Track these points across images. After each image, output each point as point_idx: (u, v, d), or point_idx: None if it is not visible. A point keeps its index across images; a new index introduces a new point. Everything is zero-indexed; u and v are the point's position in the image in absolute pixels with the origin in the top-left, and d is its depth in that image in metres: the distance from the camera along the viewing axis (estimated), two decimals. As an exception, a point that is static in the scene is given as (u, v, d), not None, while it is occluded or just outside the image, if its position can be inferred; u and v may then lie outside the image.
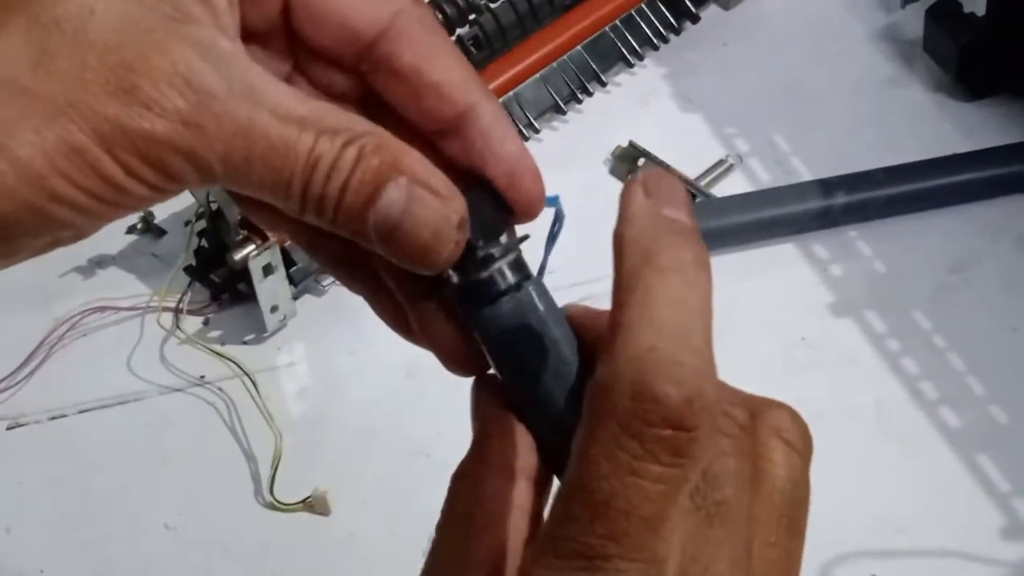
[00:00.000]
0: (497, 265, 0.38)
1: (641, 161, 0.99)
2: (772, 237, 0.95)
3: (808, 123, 1.02)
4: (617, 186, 0.99)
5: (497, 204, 0.39)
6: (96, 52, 0.33)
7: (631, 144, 1.00)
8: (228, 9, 0.36)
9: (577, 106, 1.04)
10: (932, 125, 1.02)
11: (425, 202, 0.36)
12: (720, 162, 0.99)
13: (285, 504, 0.81)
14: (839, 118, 1.03)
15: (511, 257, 0.39)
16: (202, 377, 0.88)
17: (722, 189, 0.98)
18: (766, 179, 0.99)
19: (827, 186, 0.94)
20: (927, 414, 0.84)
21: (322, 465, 0.83)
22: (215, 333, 0.91)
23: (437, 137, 0.40)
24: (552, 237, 0.41)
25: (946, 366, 0.87)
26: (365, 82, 0.40)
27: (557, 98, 1.02)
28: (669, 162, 0.97)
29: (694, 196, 0.96)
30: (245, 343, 0.90)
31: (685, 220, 0.34)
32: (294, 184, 0.35)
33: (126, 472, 0.84)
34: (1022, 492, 0.80)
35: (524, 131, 1.00)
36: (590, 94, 1.04)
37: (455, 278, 0.38)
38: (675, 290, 0.33)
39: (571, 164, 1.00)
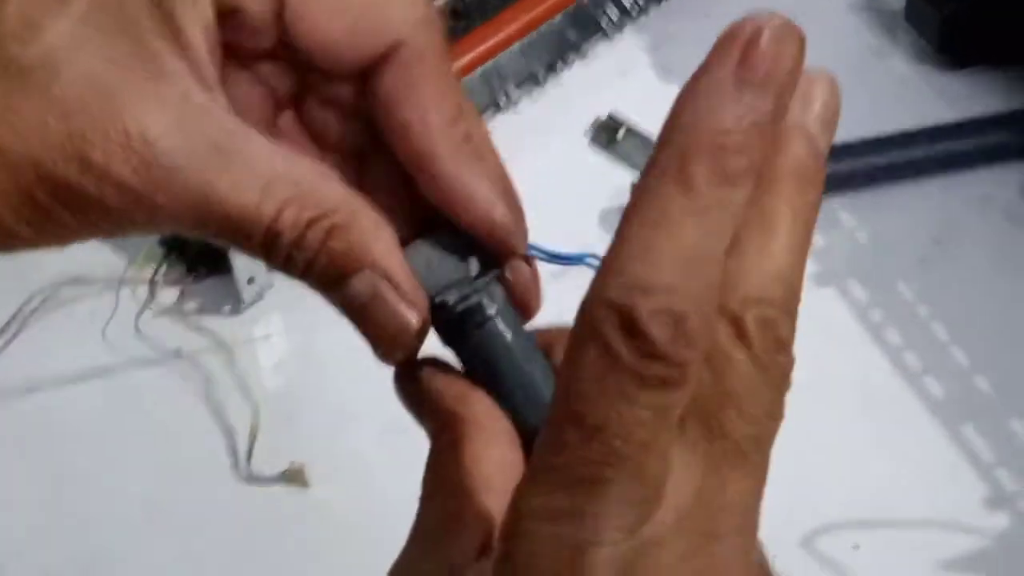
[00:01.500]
0: (460, 308, 0.39)
1: (621, 132, 0.98)
2: (754, 208, 0.94)
3: (790, 94, 1.01)
4: (597, 158, 0.98)
5: (465, 242, 0.40)
6: (58, 112, 0.33)
7: (611, 116, 0.99)
8: (208, 57, 0.36)
9: (556, 77, 1.03)
10: (915, 96, 1.01)
11: (386, 303, 0.37)
12: (701, 133, 0.98)
13: (263, 478, 0.80)
14: (821, 89, 1.02)
15: (474, 299, 0.39)
16: (178, 350, 0.86)
17: (703, 160, 0.97)
18: (748, 150, 0.98)
19: (809, 157, 0.93)
20: (910, 385, 0.84)
21: (300, 438, 0.82)
22: (191, 305, 0.89)
23: (414, 173, 0.39)
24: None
25: (930, 337, 0.86)
26: None
27: (536, 69, 1.01)
28: (650, 133, 0.97)
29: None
30: (221, 315, 0.89)
31: (762, 121, 0.28)
32: (253, 248, 0.36)
33: (101, 445, 0.83)
34: (1005, 462, 0.79)
35: (501, 103, 0.99)
36: (569, 65, 1.03)
37: None
38: (692, 229, 0.28)
39: (550, 136, 0.99)
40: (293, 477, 0.80)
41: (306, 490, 0.80)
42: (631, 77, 1.04)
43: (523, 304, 0.41)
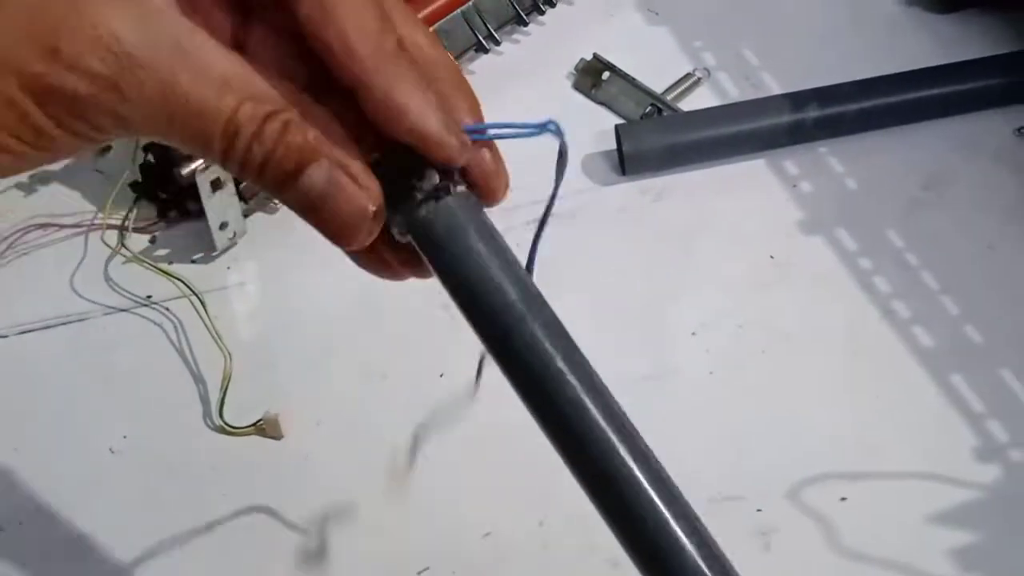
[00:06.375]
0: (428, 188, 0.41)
1: (606, 75, 0.95)
2: (740, 153, 0.92)
3: (777, 36, 0.99)
4: (581, 101, 0.96)
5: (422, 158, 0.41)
6: (27, 12, 0.35)
7: (595, 57, 0.96)
8: None
9: (539, 18, 1.01)
10: (906, 38, 0.99)
11: (344, 189, 0.38)
12: (687, 76, 0.96)
13: (235, 428, 0.78)
14: (809, 31, 1.00)
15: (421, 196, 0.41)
16: (148, 297, 0.84)
17: (689, 103, 0.94)
18: (734, 93, 0.96)
19: (797, 100, 0.91)
20: (899, 334, 0.82)
21: (274, 388, 0.80)
22: (162, 251, 0.87)
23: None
24: (560, 171, 0.44)
25: (919, 285, 0.84)
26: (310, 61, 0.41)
27: (518, 8, 0.98)
28: (635, 75, 0.94)
29: (660, 111, 0.93)
30: (193, 262, 0.86)
31: None
32: (214, 146, 0.37)
33: (69, 395, 0.81)
34: (996, 413, 0.78)
35: (484, 43, 0.96)
36: (553, 5, 1.01)
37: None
38: None
39: (533, 78, 0.97)
40: (267, 427, 0.78)
41: (281, 441, 0.78)
42: (616, 18, 1.01)
43: (487, 190, 0.43)
